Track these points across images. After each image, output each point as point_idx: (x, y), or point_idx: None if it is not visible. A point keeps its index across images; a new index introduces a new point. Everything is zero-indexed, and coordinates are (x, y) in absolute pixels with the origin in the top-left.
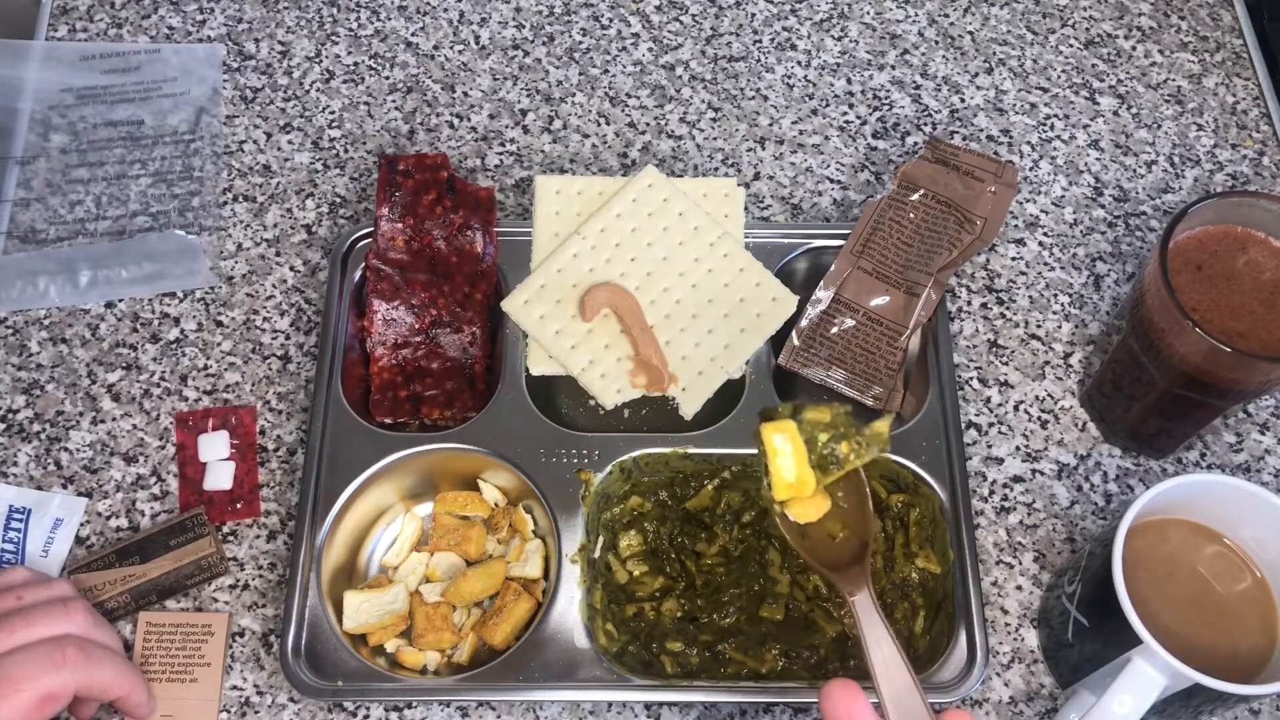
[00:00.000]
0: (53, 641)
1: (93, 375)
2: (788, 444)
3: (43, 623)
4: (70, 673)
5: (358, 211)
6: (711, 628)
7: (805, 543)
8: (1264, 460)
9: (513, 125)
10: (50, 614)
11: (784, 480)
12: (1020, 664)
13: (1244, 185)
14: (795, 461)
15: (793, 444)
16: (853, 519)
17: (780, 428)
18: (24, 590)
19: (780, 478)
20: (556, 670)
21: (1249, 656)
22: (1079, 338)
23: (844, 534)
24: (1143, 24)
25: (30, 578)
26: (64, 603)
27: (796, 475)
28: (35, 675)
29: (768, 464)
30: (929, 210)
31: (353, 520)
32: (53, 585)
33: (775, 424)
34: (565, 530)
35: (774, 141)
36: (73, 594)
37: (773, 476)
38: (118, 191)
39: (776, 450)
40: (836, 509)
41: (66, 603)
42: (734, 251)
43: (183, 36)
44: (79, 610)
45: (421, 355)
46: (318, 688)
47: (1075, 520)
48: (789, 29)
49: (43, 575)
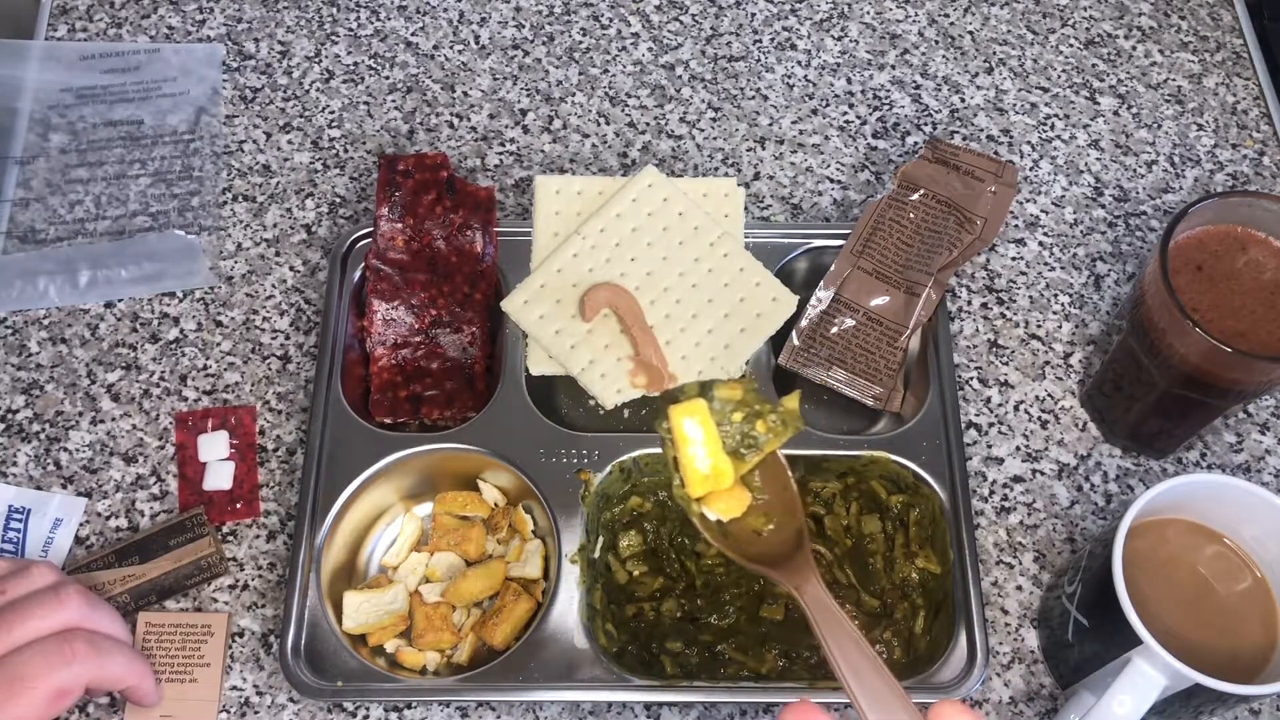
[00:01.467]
0: (60, 636)
1: (92, 375)
2: (699, 430)
3: (38, 615)
4: (81, 666)
5: (357, 211)
6: (711, 628)
7: (730, 542)
8: (1264, 460)
9: (513, 125)
10: (44, 604)
11: (698, 473)
12: (1020, 664)
13: (1244, 185)
14: (709, 450)
15: (704, 430)
16: (778, 507)
17: (690, 410)
18: (4, 583)
19: (694, 470)
20: (556, 670)
21: (1249, 657)
22: (1079, 338)
23: (771, 526)
24: (1143, 24)
25: (8, 568)
26: (55, 590)
27: (712, 466)
28: (46, 672)
29: (677, 456)
30: (929, 210)
31: (352, 520)
32: (33, 572)
33: (684, 406)
34: (565, 530)
35: (774, 141)
36: (59, 577)
37: (684, 470)
38: (117, 191)
39: (687, 438)
40: (757, 500)
41: (58, 589)
42: (734, 251)
43: (182, 36)
44: (72, 595)
45: (421, 355)
46: (317, 688)
47: (1075, 520)
48: (789, 29)
49: (20, 562)
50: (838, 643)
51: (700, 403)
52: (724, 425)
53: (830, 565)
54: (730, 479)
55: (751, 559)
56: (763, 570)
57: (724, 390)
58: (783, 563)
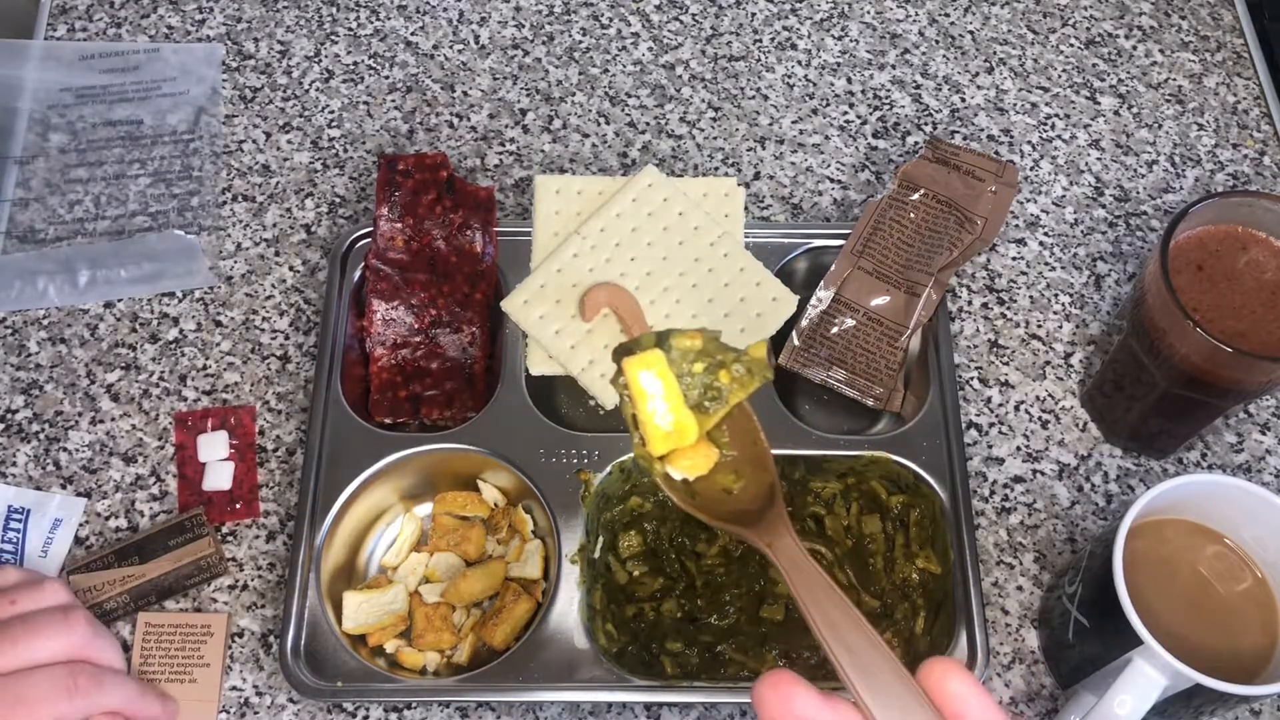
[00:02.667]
0: (67, 667)
1: (92, 375)
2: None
3: (45, 634)
4: (83, 701)
5: (357, 211)
6: (711, 628)
7: (698, 502)
8: (1265, 460)
9: (512, 125)
10: (51, 624)
11: (660, 430)
12: (1021, 664)
13: (1245, 185)
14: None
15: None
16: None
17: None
18: (16, 593)
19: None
20: (556, 671)
21: (1250, 657)
22: (1080, 338)
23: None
24: (1143, 23)
25: (21, 579)
26: (64, 612)
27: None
28: (50, 699)
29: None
30: (929, 210)
31: (352, 520)
32: (45, 588)
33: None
34: (565, 530)
35: (774, 141)
36: (70, 600)
37: (645, 427)
38: (117, 191)
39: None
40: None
41: (67, 612)
42: (734, 251)
43: (182, 36)
44: (80, 621)
45: (421, 355)
46: (317, 688)
47: (1076, 520)
48: (789, 28)
49: (35, 575)
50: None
51: (657, 353)
52: (684, 377)
53: (830, 565)
54: (694, 435)
55: (721, 518)
56: (733, 529)
57: (682, 339)
58: (755, 521)
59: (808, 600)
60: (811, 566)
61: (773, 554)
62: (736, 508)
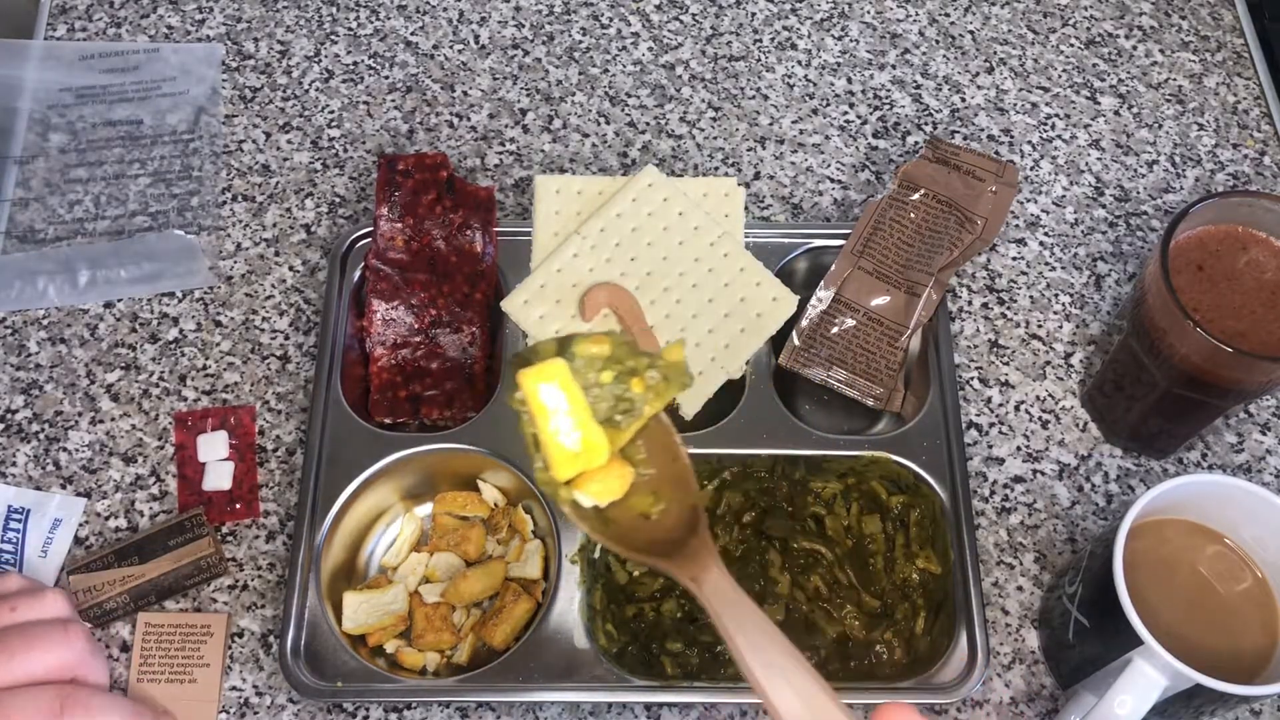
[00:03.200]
0: (55, 689)
1: (91, 375)
2: (560, 396)
3: (42, 646)
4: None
5: (357, 211)
6: (711, 628)
7: (613, 531)
8: (1265, 460)
9: (512, 125)
10: (51, 637)
11: (565, 450)
12: (1021, 665)
13: (1245, 185)
14: (576, 420)
15: (567, 395)
16: (667, 483)
17: (546, 373)
18: (16, 600)
19: (558, 447)
20: (556, 671)
21: (1250, 657)
22: (1080, 338)
23: (661, 506)
24: (1143, 23)
25: (22, 586)
26: (63, 625)
27: (582, 439)
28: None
29: (536, 432)
30: (929, 210)
31: (352, 520)
32: (45, 598)
33: (539, 369)
34: (565, 530)
35: (774, 141)
36: (70, 613)
37: (547, 448)
38: (116, 191)
39: (546, 409)
40: (641, 476)
41: (66, 626)
42: (734, 251)
43: (182, 36)
44: (79, 636)
45: (421, 355)
46: (317, 688)
47: (1076, 520)
48: (789, 28)
49: (36, 584)
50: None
51: (559, 363)
52: (592, 389)
53: (831, 565)
54: (605, 454)
55: (640, 550)
56: (654, 563)
57: (587, 345)
58: (677, 550)
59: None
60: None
61: (700, 591)
62: (656, 536)
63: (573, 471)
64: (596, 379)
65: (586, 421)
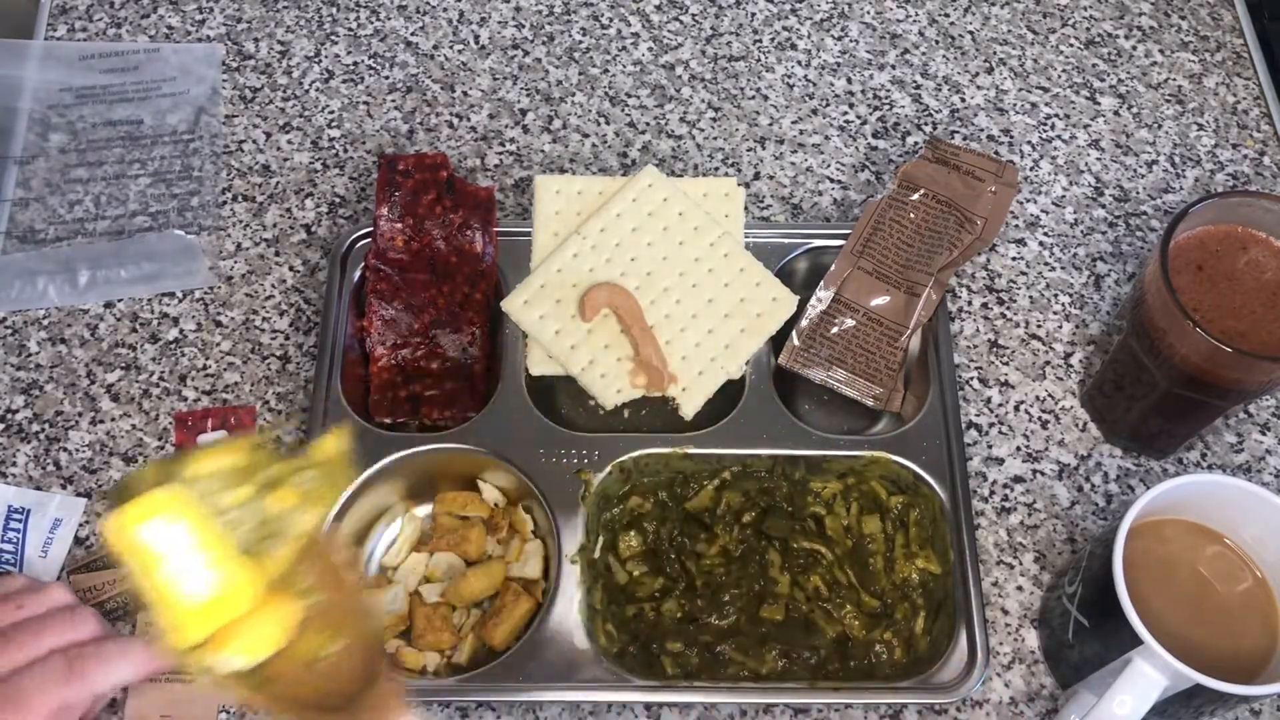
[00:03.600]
0: (63, 654)
1: (92, 375)
2: (175, 532)
3: (53, 631)
4: (81, 684)
5: (357, 211)
6: (711, 628)
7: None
8: (1264, 460)
9: (512, 125)
10: (60, 621)
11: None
12: (1021, 664)
13: (1245, 185)
14: (206, 558)
15: (190, 531)
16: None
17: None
18: (22, 598)
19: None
20: (556, 671)
21: (1250, 657)
22: (1079, 338)
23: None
24: (1143, 23)
25: (26, 584)
26: (70, 611)
27: (217, 582)
28: (43, 690)
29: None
30: (929, 210)
31: (352, 520)
32: (49, 591)
33: (140, 504)
34: (565, 530)
35: (774, 141)
36: (75, 601)
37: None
38: (117, 191)
39: (156, 556)
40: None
41: (74, 611)
42: (734, 251)
43: (182, 36)
44: (88, 616)
45: (421, 355)
46: None
47: (1076, 520)
48: (789, 29)
49: (38, 582)
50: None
51: (163, 494)
52: (226, 514)
53: (830, 565)
54: (252, 595)
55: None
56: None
57: (202, 462)
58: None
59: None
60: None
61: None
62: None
63: (208, 630)
64: (227, 500)
65: (221, 558)
